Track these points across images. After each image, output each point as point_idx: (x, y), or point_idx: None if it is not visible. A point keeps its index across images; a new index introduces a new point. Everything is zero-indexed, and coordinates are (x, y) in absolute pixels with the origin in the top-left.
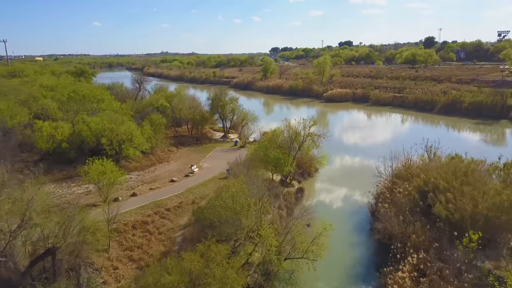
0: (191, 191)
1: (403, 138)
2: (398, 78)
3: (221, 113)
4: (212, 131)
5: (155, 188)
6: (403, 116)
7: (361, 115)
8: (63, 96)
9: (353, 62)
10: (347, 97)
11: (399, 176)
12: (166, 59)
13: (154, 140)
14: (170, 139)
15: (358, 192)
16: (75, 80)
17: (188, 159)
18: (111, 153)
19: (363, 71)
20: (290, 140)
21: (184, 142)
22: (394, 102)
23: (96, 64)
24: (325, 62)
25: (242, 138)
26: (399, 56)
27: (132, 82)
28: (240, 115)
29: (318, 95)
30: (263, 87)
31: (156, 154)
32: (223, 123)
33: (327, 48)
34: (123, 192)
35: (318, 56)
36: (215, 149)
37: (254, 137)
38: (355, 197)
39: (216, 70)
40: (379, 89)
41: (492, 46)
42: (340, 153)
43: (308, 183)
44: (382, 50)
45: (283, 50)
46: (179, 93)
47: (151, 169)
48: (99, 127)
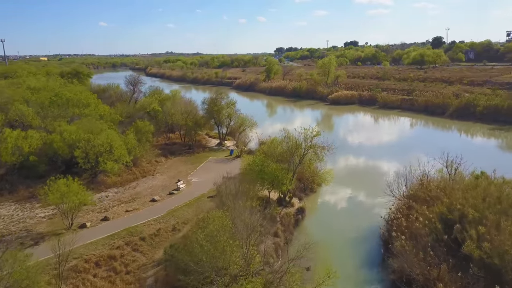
0: (173, 213)
1: (415, 145)
2: (406, 79)
3: (216, 118)
4: (208, 137)
5: (132, 210)
6: (412, 120)
7: (368, 119)
8: (46, 100)
9: (359, 63)
10: (353, 100)
11: (415, 197)
12: (169, 59)
13: (138, 150)
14: (160, 148)
15: (367, 214)
16: (66, 82)
17: (176, 172)
18: (86, 167)
19: (370, 72)
20: (290, 153)
21: (175, 150)
22: (402, 105)
23: (100, 64)
24: (330, 63)
25: (239, 147)
26: (406, 56)
27: (126, 84)
28: (237, 121)
29: (322, 97)
30: (266, 88)
31: (140, 166)
32: (219, 130)
33: (333, 48)
34: (94, 215)
35: (323, 56)
36: (208, 159)
37: (251, 146)
38: (364, 219)
39: (218, 71)
40: (386, 91)
41: (502, 46)
42: (345, 164)
43: (310, 200)
44: (388, 50)
45: (288, 50)
46: (174, 95)
47: (133, 185)
48: (73, 137)
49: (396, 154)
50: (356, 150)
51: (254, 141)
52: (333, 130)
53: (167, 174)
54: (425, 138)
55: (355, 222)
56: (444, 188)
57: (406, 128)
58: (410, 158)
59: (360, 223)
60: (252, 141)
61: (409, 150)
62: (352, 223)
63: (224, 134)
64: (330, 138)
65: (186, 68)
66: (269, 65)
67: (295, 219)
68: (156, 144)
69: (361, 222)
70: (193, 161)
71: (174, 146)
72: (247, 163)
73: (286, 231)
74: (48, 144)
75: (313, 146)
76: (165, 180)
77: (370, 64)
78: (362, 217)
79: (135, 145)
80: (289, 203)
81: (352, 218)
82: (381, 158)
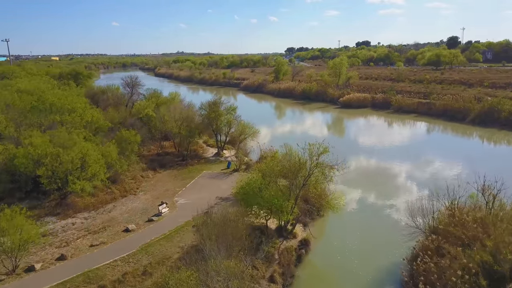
0: (147, 249)
1: (438, 156)
2: (422, 81)
3: (213, 126)
4: (206, 146)
5: (98, 244)
6: (429, 125)
7: (382, 125)
8: (27, 104)
9: (371, 63)
10: (365, 103)
11: (446, 232)
12: (179, 59)
13: (121, 164)
14: (150, 159)
15: (386, 248)
16: (61, 84)
17: (162, 190)
18: (51, 187)
19: (383, 73)
20: (292, 174)
21: (166, 162)
22: (419, 109)
23: (110, 64)
24: (342, 64)
25: (238, 158)
26: (421, 56)
27: (123, 86)
28: (237, 129)
29: (333, 100)
30: (274, 90)
31: (122, 183)
32: (216, 138)
33: (344, 48)
34: (50, 252)
35: (335, 56)
36: (201, 174)
37: (253, 157)
38: (382, 256)
39: (226, 71)
40: (401, 94)
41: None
42: (360, 180)
43: (317, 226)
44: (402, 50)
45: (298, 50)
46: (173, 99)
47: (108, 208)
48: (38, 152)
49: (417, 168)
50: (371, 163)
51: (256, 151)
52: (343, 135)
53: (151, 193)
54: (447, 148)
55: (371, 260)
56: (483, 223)
57: (425, 135)
58: (434, 175)
59: (377, 262)
60: (253, 152)
61: (431, 163)
62: (367, 261)
63: (223, 143)
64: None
65: (195, 69)
66: (278, 65)
67: (297, 254)
68: (147, 154)
69: (378, 260)
70: (185, 176)
71: (167, 157)
72: (240, 185)
73: (285, 273)
74: (9, 160)
75: (319, 165)
76: (147, 201)
77: (383, 65)
78: (380, 253)
79: (116, 159)
80: (291, 233)
81: (367, 253)
82: (400, 172)
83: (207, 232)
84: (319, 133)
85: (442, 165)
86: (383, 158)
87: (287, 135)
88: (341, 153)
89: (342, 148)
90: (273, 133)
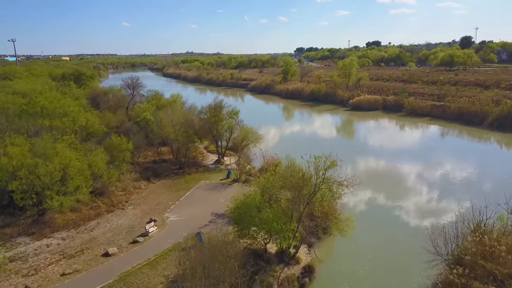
0: (126, 279)
1: (454, 164)
2: (435, 82)
3: (214, 131)
4: (206, 152)
5: (70, 273)
6: (444, 129)
7: (395, 128)
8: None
9: (382, 64)
10: (376, 105)
11: (473, 263)
12: (187, 60)
13: (108, 175)
14: (145, 167)
15: (401, 276)
16: (59, 85)
17: (154, 204)
18: (26, 204)
19: (394, 74)
20: (296, 190)
21: (161, 171)
22: (433, 112)
23: (119, 64)
24: (352, 64)
25: (239, 166)
26: (433, 57)
27: (124, 87)
28: (239, 134)
29: (343, 102)
30: (282, 91)
31: (110, 196)
32: (217, 144)
33: (354, 49)
34: (14, 282)
35: (344, 56)
36: (198, 184)
37: (256, 164)
38: (396, 287)
39: (234, 72)
40: (414, 96)
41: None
42: (372, 194)
43: (323, 247)
44: (413, 50)
45: (308, 50)
46: (174, 101)
47: (91, 225)
48: (13, 163)
49: (435, 179)
50: (385, 172)
51: (259, 158)
52: (353, 139)
53: (141, 208)
54: (464, 155)
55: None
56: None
57: (439, 140)
58: (453, 188)
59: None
60: (256, 159)
61: (449, 174)
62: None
63: (224, 149)
64: (351, 156)
65: (203, 69)
66: (286, 66)
67: (299, 284)
68: (142, 161)
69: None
70: (180, 187)
71: (163, 164)
72: (235, 204)
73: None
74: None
75: (326, 180)
76: (135, 218)
77: (394, 65)
78: (394, 281)
79: (104, 169)
80: (293, 258)
81: (379, 282)
82: (418, 184)
83: (191, 265)
84: (327, 136)
85: (461, 176)
86: (398, 166)
87: (294, 139)
88: (351, 161)
89: (352, 155)
90: (279, 136)
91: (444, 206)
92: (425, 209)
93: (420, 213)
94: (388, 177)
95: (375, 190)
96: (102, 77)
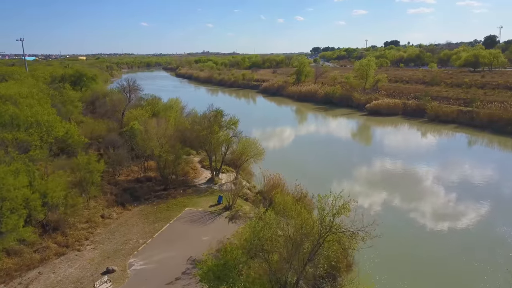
0: None
1: (491, 186)
2: (460, 85)
3: (206, 146)
4: (200, 167)
5: None
6: (471, 138)
7: (417, 136)
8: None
9: (401, 64)
10: (396, 110)
11: None
12: (200, 59)
13: (65, 205)
14: (125, 187)
15: None
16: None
17: (121, 241)
18: None
19: (415, 75)
20: (292, 247)
21: (142, 193)
22: (459, 119)
23: (134, 64)
24: (369, 65)
25: (234, 189)
26: (456, 57)
27: (120, 91)
28: (237, 148)
29: (359, 105)
30: (295, 93)
31: (67, 230)
32: (210, 160)
33: (372, 48)
34: None
35: (361, 56)
36: (182, 213)
37: (253, 186)
38: None
39: (246, 72)
40: (437, 100)
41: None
42: (395, 228)
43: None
44: (434, 50)
45: (324, 50)
46: (171, 106)
47: (29, 277)
48: None
49: (474, 207)
50: (415, 202)
51: (260, 176)
52: (372, 151)
53: (102, 248)
54: (502, 173)
55: None
56: None
57: (467, 151)
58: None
59: None
60: (258, 175)
61: (489, 200)
62: None
63: (220, 164)
64: (372, 178)
65: (215, 69)
66: (300, 66)
67: None
68: (124, 179)
69: None
70: (159, 216)
71: (147, 184)
72: (207, 266)
73: None
74: None
75: (335, 228)
76: (90, 264)
77: (414, 66)
78: None
79: (61, 197)
80: None
81: None
82: (454, 221)
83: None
84: (341, 147)
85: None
86: (433, 191)
87: (303, 149)
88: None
89: (370, 177)
90: (286, 145)
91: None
92: (465, 241)
93: (465, 247)
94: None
95: (405, 226)
96: (114, 77)
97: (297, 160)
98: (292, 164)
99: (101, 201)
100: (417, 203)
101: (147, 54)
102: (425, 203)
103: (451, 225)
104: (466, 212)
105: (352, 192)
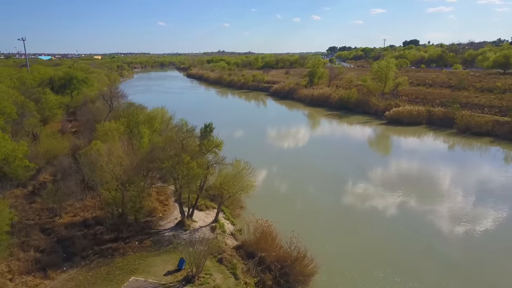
0: None
1: None
2: (492, 89)
3: (175, 179)
4: (173, 202)
5: None
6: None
7: (445, 150)
8: None
9: (422, 65)
10: (419, 118)
11: None
12: (213, 59)
13: None
14: (58, 237)
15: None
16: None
17: None
18: None
19: (438, 77)
20: None
21: (83, 246)
22: (495, 131)
23: (148, 63)
24: (388, 67)
25: (203, 249)
26: (482, 57)
27: (101, 98)
28: (216, 181)
29: (377, 112)
30: (307, 96)
31: None
32: (180, 199)
33: (390, 48)
34: None
35: (379, 56)
36: (127, 282)
37: (238, 231)
38: None
39: (257, 73)
40: (467, 108)
41: None
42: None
43: None
44: (457, 50)
45: (341, 49)
46: (154, 118)
47: None
48: None
49: None
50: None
51: (242, 222)
52: (396, 174)
53: None
54: None
55: None
56: None
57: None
58: None
59: None
60: (247, 209)
61: None
62: None
63: (194, 201)
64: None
65: (225, 70)
66: (313, 67)
67: None
68: (67, 222)
69: None
70: (99, 283)
71: (95, 229)
72: None
73: None
74: None
75: None
76: None
77: (436, 67)
78: None
79: None
80: None
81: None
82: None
83: None
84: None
85: None
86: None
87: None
88: None
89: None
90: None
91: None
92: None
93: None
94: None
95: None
96: (125, 78)
97: (297, 191)
98: (292, 197)
99: (16, 263)
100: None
101: (163, 54)
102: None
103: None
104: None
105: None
